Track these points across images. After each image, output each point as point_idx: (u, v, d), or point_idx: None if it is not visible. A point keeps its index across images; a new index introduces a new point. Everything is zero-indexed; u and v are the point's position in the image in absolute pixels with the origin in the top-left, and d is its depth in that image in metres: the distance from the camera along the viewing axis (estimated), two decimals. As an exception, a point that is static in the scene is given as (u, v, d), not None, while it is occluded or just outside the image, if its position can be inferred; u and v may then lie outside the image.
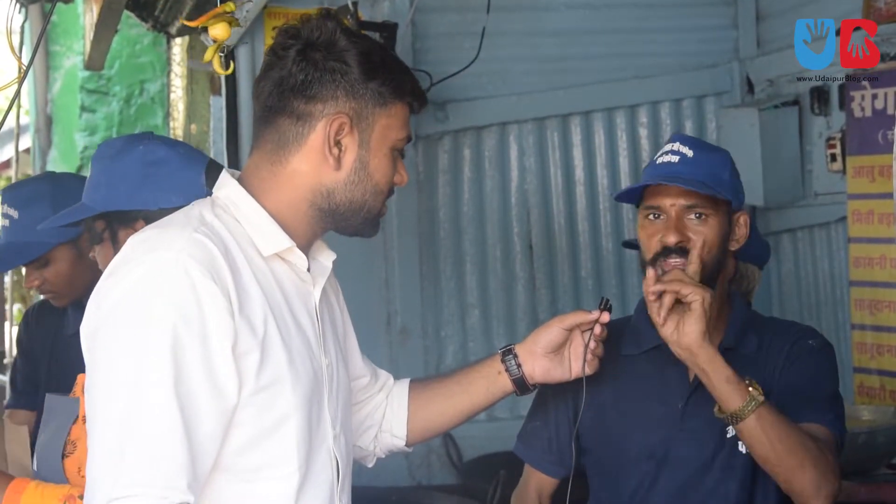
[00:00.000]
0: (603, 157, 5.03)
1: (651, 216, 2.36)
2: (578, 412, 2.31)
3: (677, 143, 2.39)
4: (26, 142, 8.89)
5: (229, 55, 4.36)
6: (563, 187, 4.98)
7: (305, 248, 1.96)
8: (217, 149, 4.83)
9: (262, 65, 1.96)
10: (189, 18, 3.15)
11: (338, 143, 1.90)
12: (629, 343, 2.46)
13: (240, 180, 1.95)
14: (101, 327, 1.77)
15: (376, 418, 2.26)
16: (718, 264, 2.35)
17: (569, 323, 2.23)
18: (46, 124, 8.60)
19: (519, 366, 2.23)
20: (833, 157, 4.44)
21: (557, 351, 2.24)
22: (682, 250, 2.30)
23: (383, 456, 2.30)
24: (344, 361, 2.08)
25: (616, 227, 5.02)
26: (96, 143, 7.94)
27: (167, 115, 7.47)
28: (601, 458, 2.46)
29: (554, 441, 2.50)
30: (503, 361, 2.23)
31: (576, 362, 2.24)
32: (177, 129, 6.79)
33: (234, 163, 4.27)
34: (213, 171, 2.40)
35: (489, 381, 2.23)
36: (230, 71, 3.62)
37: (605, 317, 2.21)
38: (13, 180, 6.98)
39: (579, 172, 5.01)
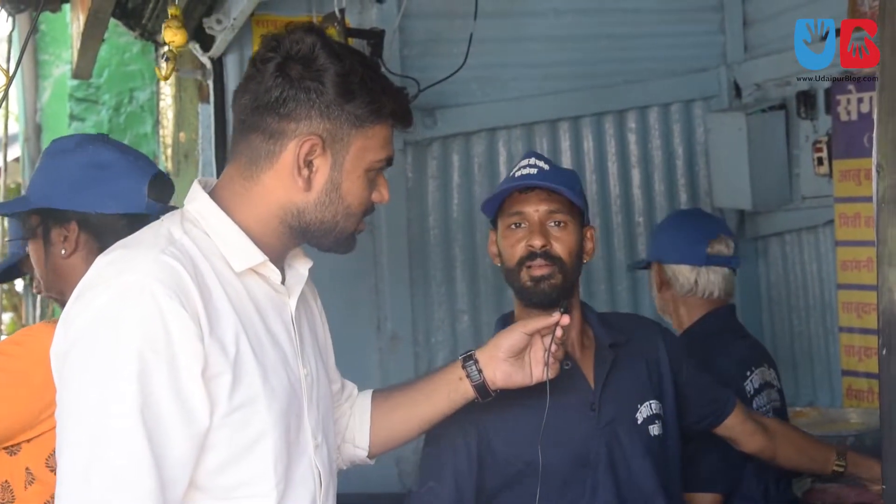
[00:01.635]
0: (592, 163, 5.04)
1: (513, 225, 2.48)
2: (474, 453, 2.41)
3: (533, 159, 2.51)
4: (16, 151, 8.88)
5: (214, 64, 4.37)
6: (552, 193, 4.98)
7: (278, 260, 1.93)
8: (206, 157, 4.83)
9: (244, 74, 1.93)
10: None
11: (308, 164, 1.86)
12: None
13: (213, 191, 1.92)
14: (69, 352, 1.75)
15: (340, 428, 2.23)
16: (577, 272, 2.49)
17: (531, 328, 2.24)
18: (36, 133, 8.59)
19: (480, 371, 2.22)
20: (820, 161, 4.46)
21: (518, 356, 2.24)
22: (546, 254, 2.42)
23: (345, 468, 2.27)
24: (325, 368, 2.06)
25: (605, 233, 5.03)
26: (86, 152, 7.94)
27: (156, 124, 7.47)
28: (529, 485, 2.40)
29: (457, 495, 2.44)
30: (464, 367, 2.22)
31: (536, 367, 2.24)
32: (166, 136, 6.79)
33: (223, 170, 4.26)
34: (159, 183, 2.38)
35: (450, 388, 2.22)
36: (167, 75, 3.58)
37: (566, 319, 2.23)
38: (1, 189, 6.97)
39: (568, 177, 5.01)
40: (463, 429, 2.40)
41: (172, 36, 3.11)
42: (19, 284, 9.65)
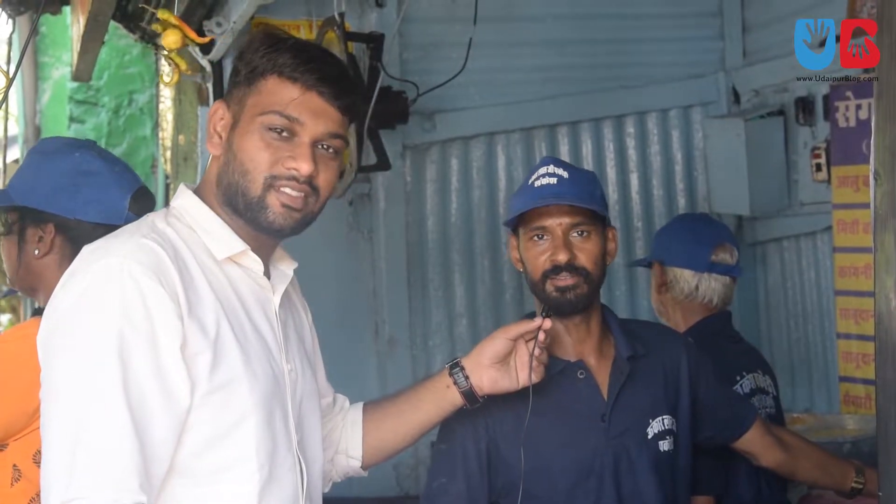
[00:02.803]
0: (591, 167, 5.04)
1: (535, 237, 2.45)
2: (496, 443, 2.41)
3: (551, 166, 2.48)
4: (15, 153, 8.88)
5: (213, 67, 4.37)
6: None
7: (259, 252, 1.95)
8: (205, 159, 4.83)
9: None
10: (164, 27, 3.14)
11: (218, 132, 1.92)
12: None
13: (196, 189, 1.97)
14: (52, 335, 1.80)
15: (333, 440, 2.25)
16: (601, 278, 2.48)
17: (513, 333, 2.25)
18: (35, 135, 8.58)
19: (467, 378, 2.22)
20: (818, 167, 4.46)
21: (503, 361, 2.25)
22: (571, 267, 2.40)
23: (339, 479, 2.28)
24: (312, 372, 2.08)
25: (603, 237, 5.03)
26: (85, 154, 7.95)
27: (156, 126, 7.47)
28: (541, 488, 2.42)
29: (469, 493, 2.44)
30: (451, 375, 2.23)
31: (521, 371, 2.24)
32: (165, 139, 6.80)
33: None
34: (141, 197, 2.39)
35: (438, 396, 2.23)
36: (174, 81, 3.63)
37: (548, 323, 2.24)
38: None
39: (567, 182, 5.02)
40: (474, 429, 2.42)
41: (176, 40, 3.14)
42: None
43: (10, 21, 4.71)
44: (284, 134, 1.88)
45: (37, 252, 2.34)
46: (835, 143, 4.32)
